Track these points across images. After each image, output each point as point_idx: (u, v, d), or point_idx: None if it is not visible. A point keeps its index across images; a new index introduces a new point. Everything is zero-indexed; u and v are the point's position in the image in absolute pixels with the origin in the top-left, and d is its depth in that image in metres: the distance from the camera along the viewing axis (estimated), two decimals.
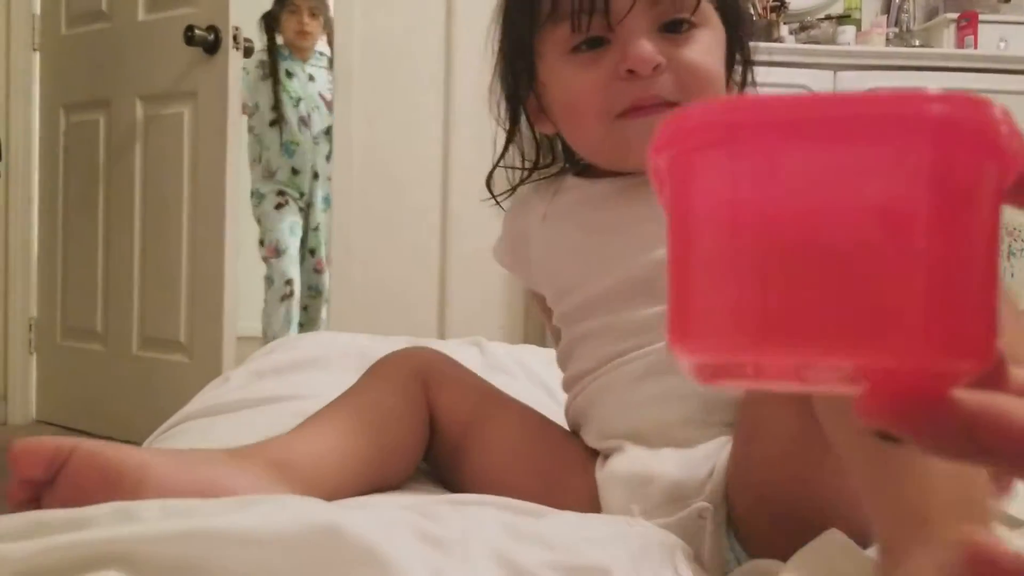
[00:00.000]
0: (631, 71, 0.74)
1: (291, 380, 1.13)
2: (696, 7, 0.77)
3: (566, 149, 0.90)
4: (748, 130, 0.23)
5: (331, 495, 0.71)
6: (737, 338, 0.23)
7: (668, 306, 0.25)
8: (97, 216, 2.69)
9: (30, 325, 2.86)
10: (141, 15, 2.52)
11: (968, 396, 0.23)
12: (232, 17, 2.24)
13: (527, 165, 0.92)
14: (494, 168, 0.92)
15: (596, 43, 0.77)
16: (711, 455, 0.72)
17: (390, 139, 2.73)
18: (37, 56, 2.83)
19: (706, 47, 0.77)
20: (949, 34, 2.49)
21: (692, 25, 0.77)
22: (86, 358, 2.69)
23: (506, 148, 0.90)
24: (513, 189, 0.93)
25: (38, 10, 2.82)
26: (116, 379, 2.61)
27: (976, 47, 2.44)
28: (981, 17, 2.47)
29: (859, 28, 2.58)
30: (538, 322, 2.73)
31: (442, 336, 2.58)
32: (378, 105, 2.72)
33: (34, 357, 2.87)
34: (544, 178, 0.92)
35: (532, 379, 1.30)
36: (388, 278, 2.75)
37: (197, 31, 2.22)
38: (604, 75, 0.76)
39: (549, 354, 1.56)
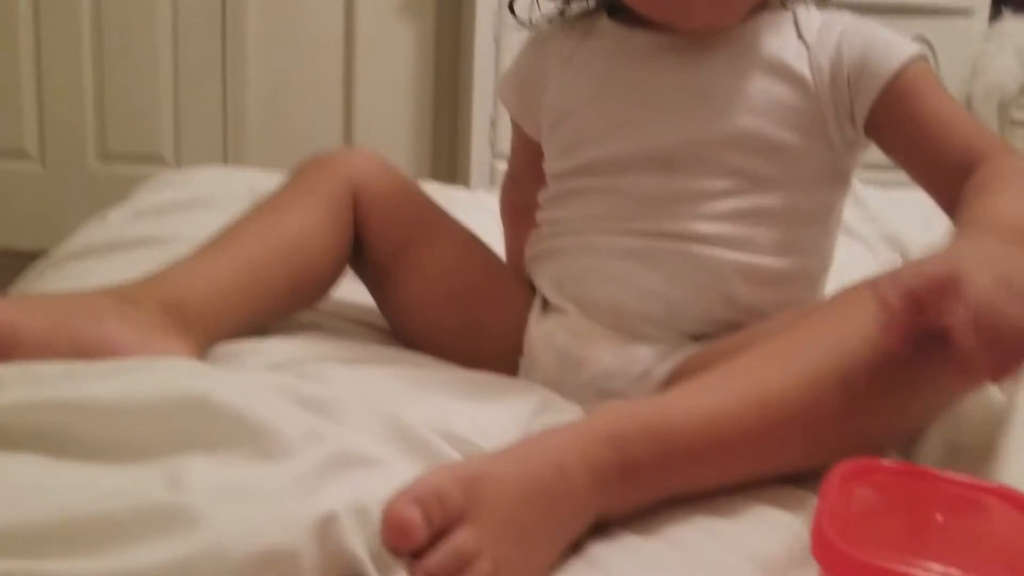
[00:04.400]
0: None
1: (174, 221, 1.07)
2: None
3: None
4: None
5: (233, 334, 0.68)
6: None
7: None
8: None
9: None
10: None
11: None
12: None
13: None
14: None
15: None
16: (650, 358, 0.71)
17: None
18: None
19: None
20: None
21: None
22: None
23: None
24: (546, 21, 0.84)
25: None
26: None
27: None
28: None
29: None
30: (449, 155, 2.69)
31: None
32: None
33: None
34: (572, 15, 0.83)
35: None
36: (289, 104, 2.64)
37: None
38: None
39: (451, 194, 1.53)
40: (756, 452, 0.54)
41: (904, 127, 0.70)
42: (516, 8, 0.83)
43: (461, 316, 0.78)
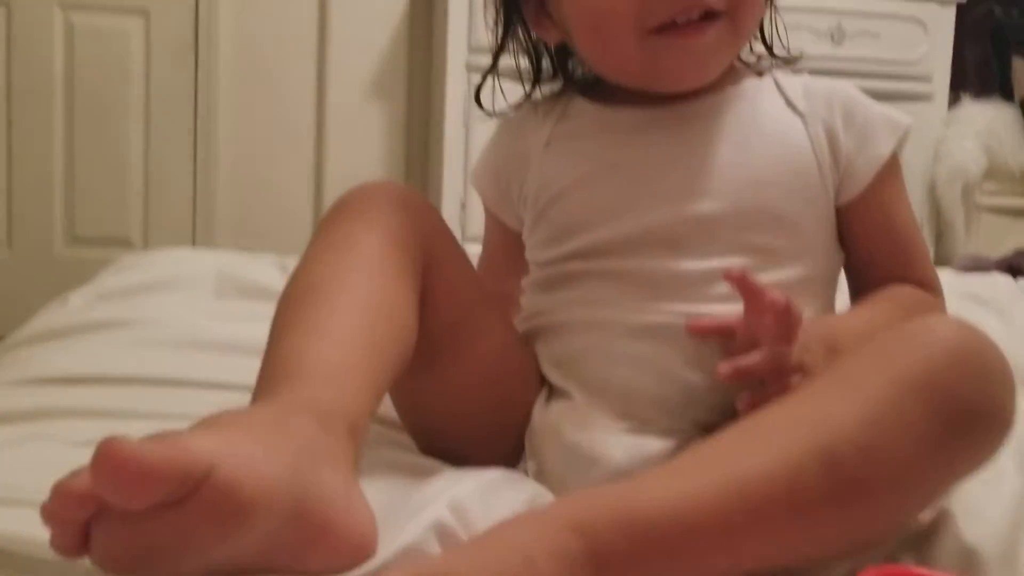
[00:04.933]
0: None
1: (137, 303, 1.04)
2: None
3: (563, 61, 0.78)
4: None
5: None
6: None
7: None
8: None
9: None
10: None
11: None
12: None
13: (525, 79, 0.79)
14: (483, 81, 0.78)
15: None
16: (664, 454, 0.64)
17: (260, 24, 2.56)
18: None
19: None
20: None
21: None
22: None
23: (496, 58, 0.77)
24: (514, 107, 0.79)
25: None
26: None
27: None
28: None
29: None
30: None
31: None
32: None
33: None
34: (542, 98, 0.78)
35: None
36: (259, 183, 2.62)
37: None
38: None
39: None
40: (735, 539, 0.49)
41: (869, 227, 0.72)
42: (482, 98, 0.79)
43: (494, 404, 0.71)
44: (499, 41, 0.76)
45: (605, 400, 0.67)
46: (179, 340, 0.92)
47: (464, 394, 0.69)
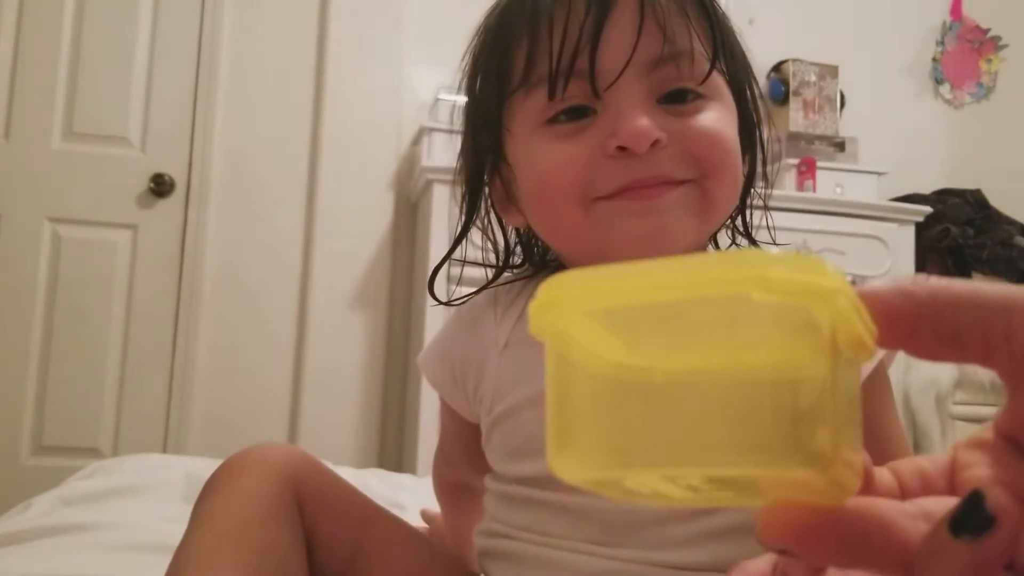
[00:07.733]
0: (622, 148, 0.59)
1: (101, 508, 1.02)
2: (706, 76, 0.62)
3: (528, 247, 0.75)
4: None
5: None
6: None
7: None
8: None
9: None
10: (56, 143, 2.61)
11: (855, 505, 0.26)
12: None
13: (490, 265, 0.74)
14: (439, 266, 0.74)
15: (578, 113, 0.61)
16: None
17: (246, 238, 2.63)
18: None
19: (718, 117, 0.62)
20: (791, 178, 2.64)
21: (699, 96, 0.62)
22: None
23: (458, 241, 0.72)
24: (477, 292, 0.74)
25: None
26: None
27: (815, 191, 2.59)
28: (819, 164, 2.63)
29: None
30: (395, 443, 2.64)
31: None
32: (232, 206, 2.63)
33: None
34: (504, 283, 0.73)
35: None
36: (235, 400, 2.60)
37: (166, 176, 2.63)
38: (587, 150, 0.60)
39: (399, 480, 1.48)
40: None
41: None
42: (436, 290, 0.75)
43: None
44: (463, 226, 0.73)
45: None
46: (140, 544, 0.90)
47: None
